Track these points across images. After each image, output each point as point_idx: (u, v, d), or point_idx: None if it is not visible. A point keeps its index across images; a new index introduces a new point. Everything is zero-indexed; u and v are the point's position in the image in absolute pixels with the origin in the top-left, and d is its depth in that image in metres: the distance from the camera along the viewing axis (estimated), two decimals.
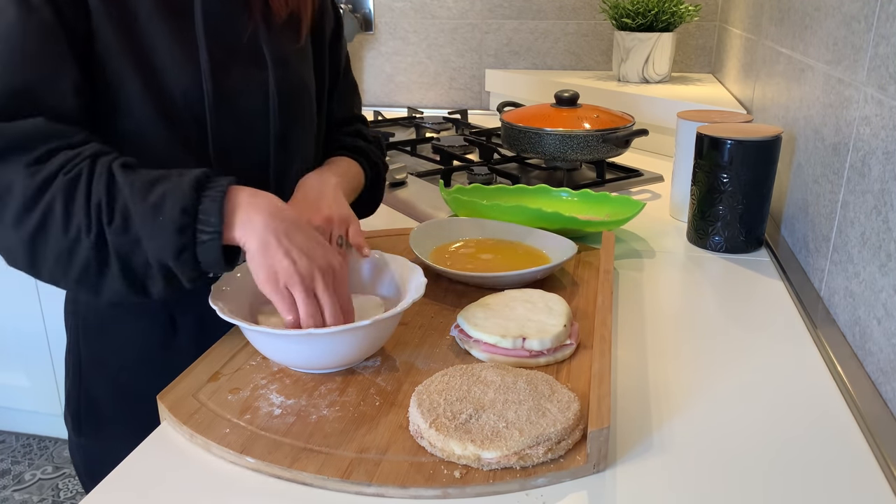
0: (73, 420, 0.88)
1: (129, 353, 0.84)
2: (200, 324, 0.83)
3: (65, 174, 0.64)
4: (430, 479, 0.55)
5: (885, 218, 0.70)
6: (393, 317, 0.67)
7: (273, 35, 0.82)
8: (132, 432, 0.76)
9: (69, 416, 0.89)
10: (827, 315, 0.84)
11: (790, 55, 1.12)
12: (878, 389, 0.69)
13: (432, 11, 2.11)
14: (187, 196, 0.64)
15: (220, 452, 0.59)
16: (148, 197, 0.64)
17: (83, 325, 0.85)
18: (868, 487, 0.56)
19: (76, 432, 0.88)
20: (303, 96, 0.86)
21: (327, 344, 0.66)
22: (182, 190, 0.64)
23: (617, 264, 0.99)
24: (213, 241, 0.64)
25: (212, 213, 0.64)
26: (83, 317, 0.85)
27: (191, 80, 0.75)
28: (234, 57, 0.78)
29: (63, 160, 0.65)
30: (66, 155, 0.65)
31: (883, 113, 0.72)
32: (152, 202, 0.64)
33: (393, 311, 0.67)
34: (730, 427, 0.63)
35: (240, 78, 0.79)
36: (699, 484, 0.56)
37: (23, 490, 1.99)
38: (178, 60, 0.74)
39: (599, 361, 0.64)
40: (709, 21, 1.98)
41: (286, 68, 0.83)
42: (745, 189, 0.99)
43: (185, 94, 0.74)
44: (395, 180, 1.32)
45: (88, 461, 0.89)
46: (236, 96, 0.78)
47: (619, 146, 1.29)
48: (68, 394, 0.89)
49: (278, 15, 0.82)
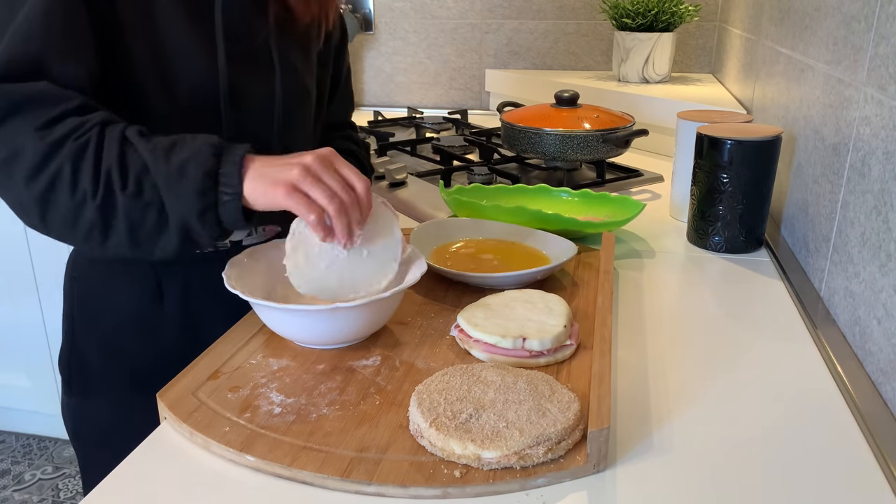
0: (64, 381, 0.92)
1: (118, 316, 0.87)
2: (185, 292, 0.87)
3: (74, 140, 0.67)
4: (430, 478, 0.55)
5: (885, 218, 0.70)
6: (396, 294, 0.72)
7: (285, 41, 0.85)
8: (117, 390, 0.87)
9: (63, 377, 0.93)
10: (827, 315, 0.84)
11: (790, 55, 1.12)
12: (878, 389, 0.69)
13: (432, 11, 2.11)
14: (209, 161, 0.68)
15: (220, 451, 0.59)
16: (171, 160, 0.68)
17: (79, 290, 0.89)
18: (868, 487, 0.56)
19: (67, 392, 0.92)
20: (305, 102, 0.90)
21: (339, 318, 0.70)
22: (203, 155, 0.68)
23: (617, 264, 0.99)
24: (232, 201, 0.69)
25: (232, 175, 0.69)
26: (80, 282, 0.89)
27: (205, 74, 0.78)
28: (245, 57, 0.82)
29: (72, 126, 0.67)
30: (75, 122, 0.68)
31: (883, 113, 0.72)
32: (176, 166, 0.68)
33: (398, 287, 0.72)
34: (730, 427, 0.63)
35: (249, 78, 0.82)
36: (699, 484, 0.56)
37: (23, 490, 1.99)
38: (193, 54, 0.77)
39: (599, 362, 0.64)
40: (709, 21, 1.98)
41: (293, 74, 0.87)
42: (745, 189, 0.99)
43: (198, 87, 0.78)
44: (395, 180, 1.32)
45: (79, 420, 0.93)
46: (246, 95, 0.82)
47: (619, 146, 1.29)
48: (62, 356, 0.93)
49: (300, 21, 0.86)
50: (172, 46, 0.76)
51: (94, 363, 0.89)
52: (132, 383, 0.87)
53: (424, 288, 0.88)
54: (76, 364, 0.90)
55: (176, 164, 0.68)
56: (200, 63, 0.78)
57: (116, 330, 0.87)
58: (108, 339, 0.88)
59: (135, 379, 0.76)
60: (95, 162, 0.67)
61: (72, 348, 0.90)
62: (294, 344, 0.75)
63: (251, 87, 0.83)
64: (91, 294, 0.88)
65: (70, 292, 0.91)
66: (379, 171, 1.34)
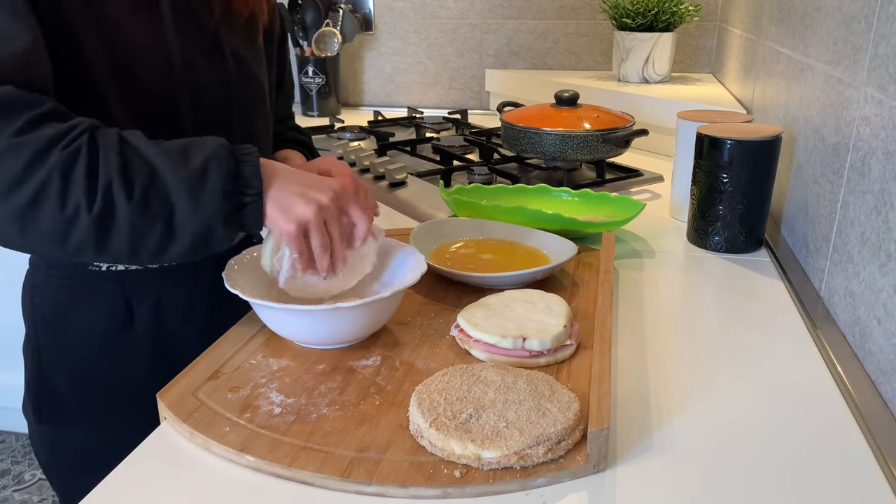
0: (33, 408, 0.88)
1: (86, 340, 0.84)
2: (156, 311, 0.84)
3: (62, 149, 0.62)
4: (430, 478, 0.55)
5: (885, 218, 0.70)
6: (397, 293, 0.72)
7: (234, 33, 0.85)
8: (92, 418, 0.83)
9: (29, 404, 0.89)
10: (827, 315, 0.84)
11: (790, 55, 1.12)
12: (878, 389, 0.69)
13: (432, 11, 2.11)
14: (228, 162, 0.67)
15: (220, 451, 0.59)
16: (189, 163, 0.65)
17: (41, 313, 0.85)
18: (868, 487, 0.56)
19: (37, 420, 0.88)
20: (259, 94, 0.90)
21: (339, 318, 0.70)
22: (219, 156, 0.67)
23: (617, 264, 0.99)
24: (255, 202, 0.68)
25: (253, 176, 0.68)
26: (40, 305, 0.85)
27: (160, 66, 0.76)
28: (198, 51, 0.80)
29: (54, 133, 0.62)
30: (58, 128, 0.63)
31: (883, 113, 0.72)
32: (196, 169, 0.65)
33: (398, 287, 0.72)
34: (730, 427, 0.63)
35: (204, 71, 0.81)
36: (699, 484, 0.56)
37: (23, 490, 1.99)
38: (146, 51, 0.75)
39: (599, 362, 0.64)
40: (709, 21, 1.98)
41: (245, 65, 0.86)
42: (745, 189, 0.99)
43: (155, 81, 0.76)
44: (395, 180, 1.32)
45: (51, 448, 0.89)
46: (203, 89, 0.81)
47: (619, 146, 1.29)
48: (28, 382, 0.88)
49: (239, 14, 0.85)
50: (122, 35, 0.73)
51: (63, 390, 0.85)
52: (105, 409, 0.83)
53: (424, 288, 0.88)
54: (45, 392, 0.87)
55: (196, 166, 0.65)
56: (153, 52, 0.75)
57: (85, 355, 0.84)
58: (77, 365, 0.84)
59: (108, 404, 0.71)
60: (89, 172, 0.62)
61: (40, 376, 0.86)
62: (294, 344, 0.75)
63: (206, 77, 0.81)
64: (55, 319, 0.84)
65: (32, 318, 0.86)
66: (379, 171, 1.34)
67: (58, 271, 0.84)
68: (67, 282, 0.83)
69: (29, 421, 0.90)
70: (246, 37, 0.87)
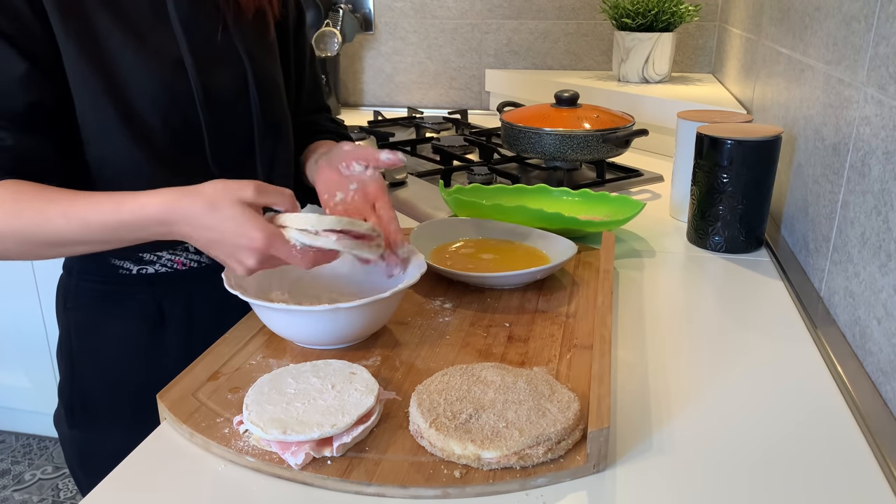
0: (66, 413, 0.89)
1: (119, 345, 0.85)
2: (188, 312, 0.86)
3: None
4: (430, 478, 0.55)
5: (885, 218, 0.70)
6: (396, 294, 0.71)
7: (244, 31, 0.84)
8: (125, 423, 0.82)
9: (62, 409, 0.90)
10: (827, 315, 0.84)
11: (790, 55, 1.12)
12: (878, 389, 0.69)
13: (432, 11, 2.11)
14: None
15: (220, 451, 0.59)
16: None
17: (74, 319, 0.87)
18: (868, 487, 0.56)
19: (69, 425, 0.89)
20: (278, 96, 0.90)
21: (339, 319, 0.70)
22: None
23: (617, 264, 0.99)
24: None
25: None
26: (72, 309, 0.87)
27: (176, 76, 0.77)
28: (211, 55, 0.80)
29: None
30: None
31: (883, 113, 0.72)
32: None
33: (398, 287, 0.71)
34: (730, 427, 0.63)
35: (219, 75, 0.81)
36: (699, 484, 0.56)
37: (23, 490, 1.99)
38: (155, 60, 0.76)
39: (599, 361, 0.64)
40: (709, 21, 1.98)
41: (262, 67, 0.86)
42: (745, 189, 0.99)
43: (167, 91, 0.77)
44: (395, 180, 1.32)
45: (83, 453, 0.90)
46: (220, 92, 0.81)
47: (619, 146, 1.29)
48: (61, 387, 0.90)
49: (247, 11, 0.84)
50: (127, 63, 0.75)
51: (97, 397, 0.86)
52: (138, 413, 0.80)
53: (424, 288, 0.88)
54: (77, 397, 0.88)
55: None
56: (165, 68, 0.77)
57: (118, 360, 0.85)
58: (110, 371, 0.85)
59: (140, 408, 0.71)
60: None
61: (72, 380, 0.88)
62: (294, 344, 0.75)
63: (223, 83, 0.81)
64: (88, 324, 0.86)
65: (66, 323, 0.88)
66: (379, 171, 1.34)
67: (90, 276, 0.85)
68: (99, 286, 0.85)
69: (61, 428, 0.91)
70: (258, 36, 0.87)
